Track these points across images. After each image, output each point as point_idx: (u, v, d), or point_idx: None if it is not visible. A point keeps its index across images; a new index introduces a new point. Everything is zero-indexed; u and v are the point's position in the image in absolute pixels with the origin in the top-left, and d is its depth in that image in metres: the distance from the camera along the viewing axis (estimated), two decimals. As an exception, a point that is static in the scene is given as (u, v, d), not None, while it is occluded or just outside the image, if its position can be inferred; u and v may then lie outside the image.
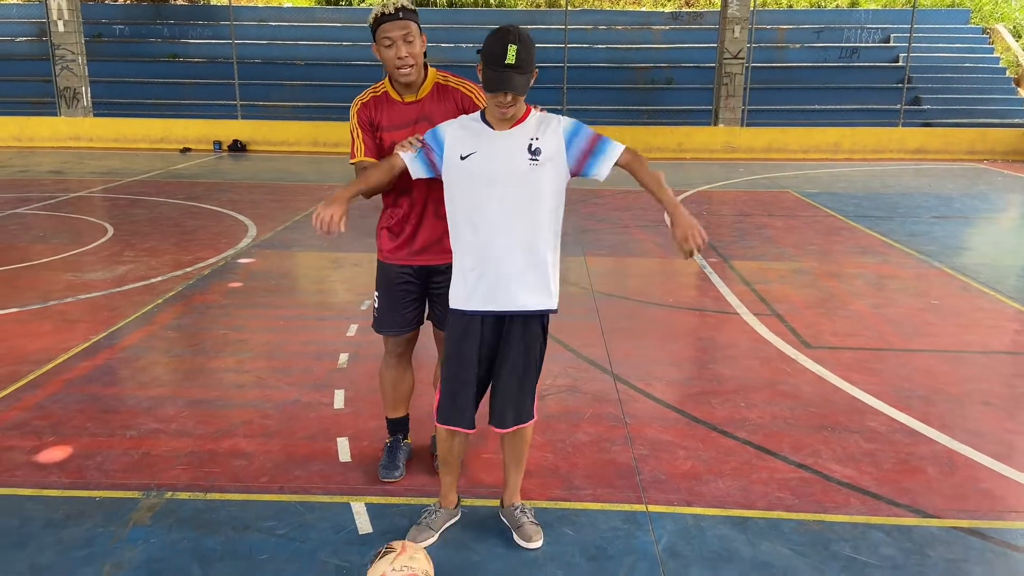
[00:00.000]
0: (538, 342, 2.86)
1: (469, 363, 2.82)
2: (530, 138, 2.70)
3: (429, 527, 2.99)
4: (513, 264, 2.73)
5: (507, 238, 2.71)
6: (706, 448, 3.78)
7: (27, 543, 2.95)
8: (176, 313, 5.74)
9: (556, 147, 2.71)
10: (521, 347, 2.82)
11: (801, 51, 20.80)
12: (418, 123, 3.04)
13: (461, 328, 2.82)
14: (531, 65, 2.59)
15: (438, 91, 3.10)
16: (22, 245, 7.92)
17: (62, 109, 17.40)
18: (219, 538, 3.01)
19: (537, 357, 2.87)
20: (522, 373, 2.84)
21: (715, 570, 2.85)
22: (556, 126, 2.73)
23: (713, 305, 6.14)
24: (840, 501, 3.32)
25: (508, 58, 2.52)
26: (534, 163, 2.69)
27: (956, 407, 4.27)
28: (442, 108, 3.06)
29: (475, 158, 2.71)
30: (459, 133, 2.76)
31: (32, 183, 12.07)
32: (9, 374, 4.55)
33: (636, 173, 2.85)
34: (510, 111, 2.66)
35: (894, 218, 9.82)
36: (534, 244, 2.73)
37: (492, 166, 2.70)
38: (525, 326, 2.81)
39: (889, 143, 16.46)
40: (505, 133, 2.71)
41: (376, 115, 3.08)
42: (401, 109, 3.07)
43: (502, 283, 2.74)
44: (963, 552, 2.97)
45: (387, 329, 3.32)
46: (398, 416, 3.55)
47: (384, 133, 3.06)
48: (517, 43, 2.54)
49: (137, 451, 3.68)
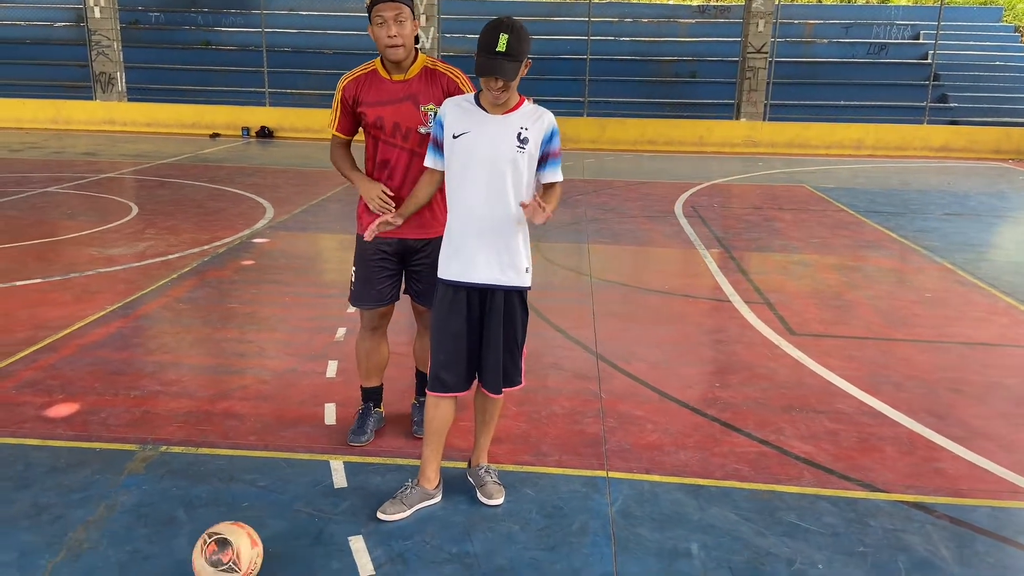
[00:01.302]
0: (518, 314, 3.04)
1: (457, 332, 2.99)
2: (520, 126, 2.88)
3: (402, 503, 3.08)
4: (492, 241, 2.92)
5: (486, 216, 2.90)
6: (673, 423, 3.95)
7: (31, 485, 3.22)
8: (189, 287, 6.02)
9: (536, 140, 2.91)
10: (502, 318, 2.99)
11: (829, 46, 20.69)
12: (404, 101, 3.23)
13: (448, 298, 3.00)
14: (522, 54, 2.75)
15: (426, 74, 3.28)
16: (51, 221, 8.28)
17: (97, 93, 17.91)
18: (206, 487, 3.25)
19: (519, 328, 3.06)
20: (506, 342, 3.02)
21: (662, 530, 3.04)
22: (543, 122, 2.92)
23: (707, 293, 6.29)
24: (794, 474, 3.48)
25: (499, 46, 2.71)
26: (520, 150, 2.88)
27: (926, 393, 4.39)
28: (429, 90, 3.25)
29: (466, 138, 2.89)
30: (455, 113, 2.94)
31: (65, 164, 12.50)
32: (28, 338, 4.85)
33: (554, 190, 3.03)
34: (501, 96, 2.82)
35: (905, 214, 9.85)
36: (510, 224, 2.92)
37: (481, 147, 2.87)
38: (505, 300, 2.99)
39: (913, 140, 16.37)
40: (498, 118, 2.89)
41: (361, 91, 3.26)
42: (388, 87, 3.25)
43: (481, 258, 2.93)
44: (903, 523, 3.12)
45: (363, 303, 3.48)
46: (371, 386, 3.70)
47: (368, 108, 3.25)
48: (509, 33, 2.72)
49: (139, 409, 3.95)
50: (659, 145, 16.50)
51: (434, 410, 3.09)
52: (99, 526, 2.96)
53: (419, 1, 17.12)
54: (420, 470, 3.18)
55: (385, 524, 3.01)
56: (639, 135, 16.50)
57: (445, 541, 2.93)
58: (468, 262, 2.95)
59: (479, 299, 3.00)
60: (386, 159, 3.27)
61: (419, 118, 3.24)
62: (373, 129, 3.29)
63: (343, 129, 3.36)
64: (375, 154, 3.33)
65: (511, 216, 2.91)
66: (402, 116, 3.24)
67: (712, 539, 2.98)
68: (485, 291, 2.98)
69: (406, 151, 3.28)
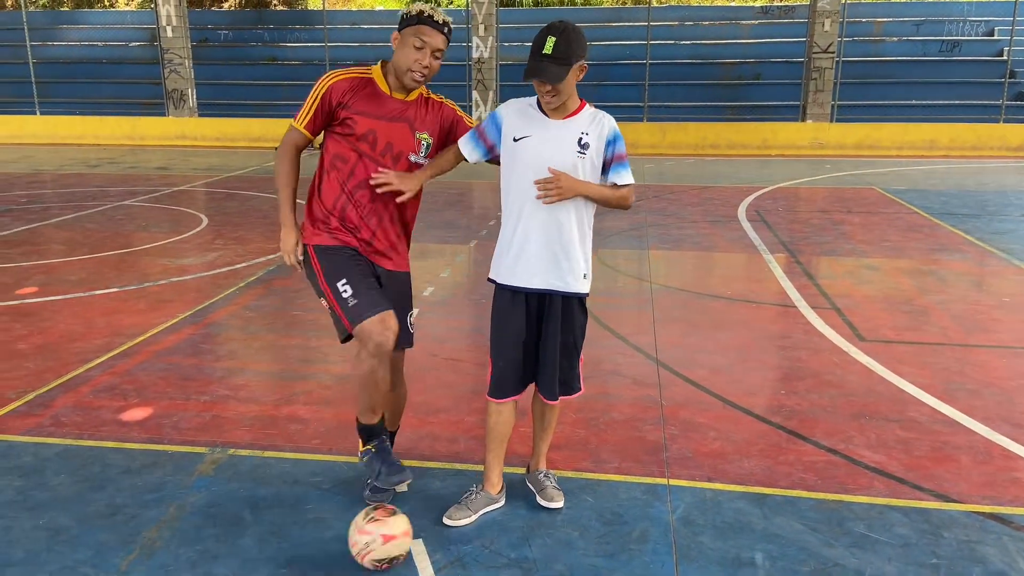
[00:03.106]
0: (577, 320, 3.02)
1: (515, 338, 2.98)
2: (581, 131, 2.86)
3: (468, 508, 3.08)
4: (550, 247, 2.89)
5: (547, 221, 2.88)
6: (737, 431, 3.88)
7: (106, 486, 3.35)
8: (256, 295, 6.18)
9: (598, 145, 2.88)
10: (560, 324, 2.97)
11: (899, 44, 20.11)
12: (399, 121, 2.97)
13: (506, 303, 2.99)
14: (571, 57, 2.72)
15: (424, 102, 3.06)
16: (126, 233, 8.61)
17: (170, 110, 18.57)
18: (271, 489, 3.33)
19: (578, 335, 3.04)
20: (564, 348, 3.00)
21: (724, 539, 2.98)
22: (603, 127, 2.88)
23: (772, 298, 6.16)
24: (863, 484, 3.38)
25: (546, 48, 2.70)
26: (581, 155, 2.86)
27: (1004, 400, 4.21)
28: (426, 118, 3.03)
29: (528, 142, 2.87)
30: (516, 117, 2.92)
31: (140, 178, 12.99)
32: (105, 344, 5.05)
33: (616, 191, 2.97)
34: (552, 101, 2.80)
35: (981, 216, 9.49)
36: (570, 230, 2.90)
37: (542, 152, 2.85)
38: (564, 306, 2.97)
39: (990, 140, 15.77)
40: (559, 122, 2.87)
41: (351, 97, 2.92)
42: (387, 102, 2.96)
43: (539, 263, 2.90)
44: (978, 535, 3.00)
45: (374, 308, 2.88)
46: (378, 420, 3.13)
47: (360, 117, 2.91)
48: (557, 36, 2.70)
49: (208, 413, 4.07)
50: (721, 149, 16.26)
51: (496, 416, 3.09)
52: (171, 526, 3.06)
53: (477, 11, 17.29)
54: (484, 475, 3.18)
55: (446, 528, 3.03)
56: (700, 139, 16.29)
57: (504, 546, 2.93)
58: (526, 267, 2.92)
59: (537, 304, 2.98)
60: (369, 179, 2.93)
61: (413, 144, 2.99)
62: (360, 143, 2.93)
63: (312, 127, 2.95)
64: (354, 172, 2.95)
65: (571, 221, 2.90)
66: (396, 137, 2.96)
67: (777, 548, 2.91)
68: (543, 296, 2.96)
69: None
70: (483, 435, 3.80)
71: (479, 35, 17.42)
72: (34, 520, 3.10)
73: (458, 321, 5.65)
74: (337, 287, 2.92)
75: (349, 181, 2.96)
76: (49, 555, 2.87)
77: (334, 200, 2.99)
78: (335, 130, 2.97)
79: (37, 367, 4.68)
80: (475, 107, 17.78)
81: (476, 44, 17.48)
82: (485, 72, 17.61)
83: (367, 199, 2.97)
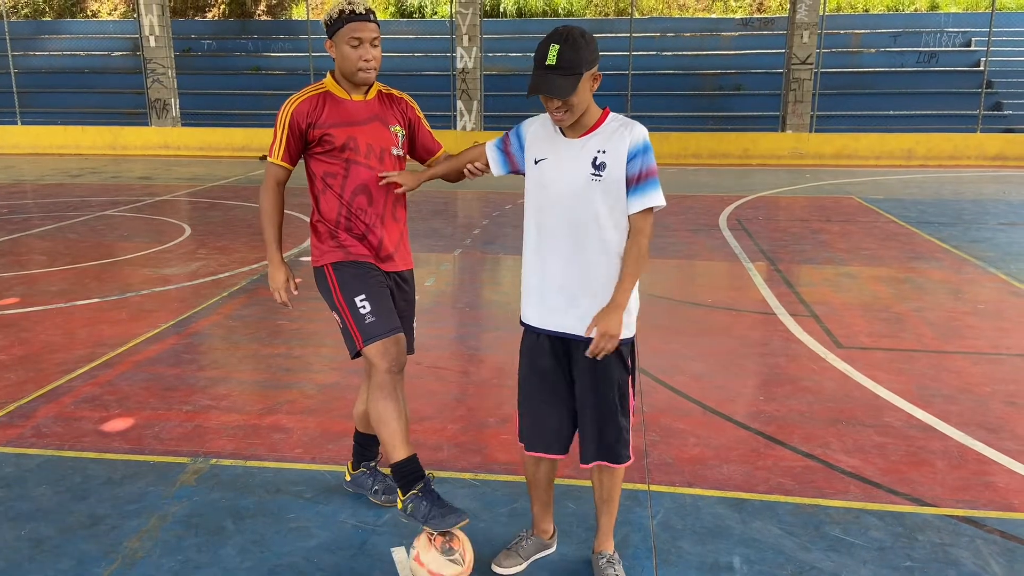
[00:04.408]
0: (614, 372, 2.57)
1: (542, 383, 2.63)
2: (597, 150, 2.46)
3: (518, 554, 2.85)
4: (568, 285, 2.53)
5: (564, 254, 2.52)
6: (717, 436, 3.93)
7: (88, 496, 3.35)
8: (239, 305, 6.18)
9: (618, 162, 2.46)
10: (589, 376, 2.57)
11: (877, 56, 20.38)
12: (371, 121, 2.95)
13: (530, 344, 2.66)
14: (578, 67, 2.35)
15: (383, 97, 3.04)
16: (108, 243, 8.58)
17: (153, 119, 18.50)
18: (253, 499, 3.34)
19: (614, 390, 2.58)
20: (596, 404, 2.59)
21: (703, 543, 3.02)
22: (624, 140, 2.46)
23: (751, 306, 6.23)
24: (840, 488, 3.43)
25: (549, 59, 2.35)
26: (596, 179, 2.46)
27: (978, 406, 4.29)
28: (390, 112, 3.02)
29: (545, 164, 2.53)
30: (539, 134, 2.59)
31: (122, 187, 12.94)
32: (87, 355, 5.04)
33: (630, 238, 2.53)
34: (566, 118, 2.44)
35: (957, 224, 9.63)
36: (591, 265, 2.51)
37: (556, 176, 2.51)
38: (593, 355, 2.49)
39: (967, 149, 16.00)
40: (575, 142, 2.50)
41: (316, 114, 2.90)
42: (350, 107, 2.94)
43: (559, 303, 2.55)
44: (952, 538, 3.06)
45: (394, 327, 2.88)
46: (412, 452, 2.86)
47: (333, 129, 2.89)
48: (562, 43, 2.35)
49: (191, 423, 4.07)
50: (703, 159, 16.40)
51: (532, 467, 2.81)
52: (152, 536, 3.06)
53: (461, 21, 17.38)
54: (533, 522, 2.94)
55: (427, 535, 3.04)
56: (682, 149, 16.43)
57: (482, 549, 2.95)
58: (547, 307, 2.57)
59: (564, 350, 2.61)
60: (364, 183, 2.92)
61: (391, 139, 2.97)
62: (345, 152, 2.90)
63: (288, 158, 2.93)
64: (347, 181, 2.92)
65: (592, 253, 2.50)
66: (374, 137, 2.94)
67: (755, 552, 2.96)
68: (568, 342, 2.59)
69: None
70: (466, 442, 3.85)
71: (463, 45, 17.50)
72: (16, 530, 3.09)
73: (442, 329, 5.67)
74: (355, 302, 2.88)
75: (345, 191, 2.93)
76: (31, 565, 2.87)
77: (336, 214, 2.96)
78: (315, 152, 2.94)
79: (18, 378, 4.67)
80: (459, 117, 17.85)
81: (460, 54, 17.55)
82: (469, 82, 17.68)
83: (366, 203, 2.95)
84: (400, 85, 3.37)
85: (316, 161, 2.96)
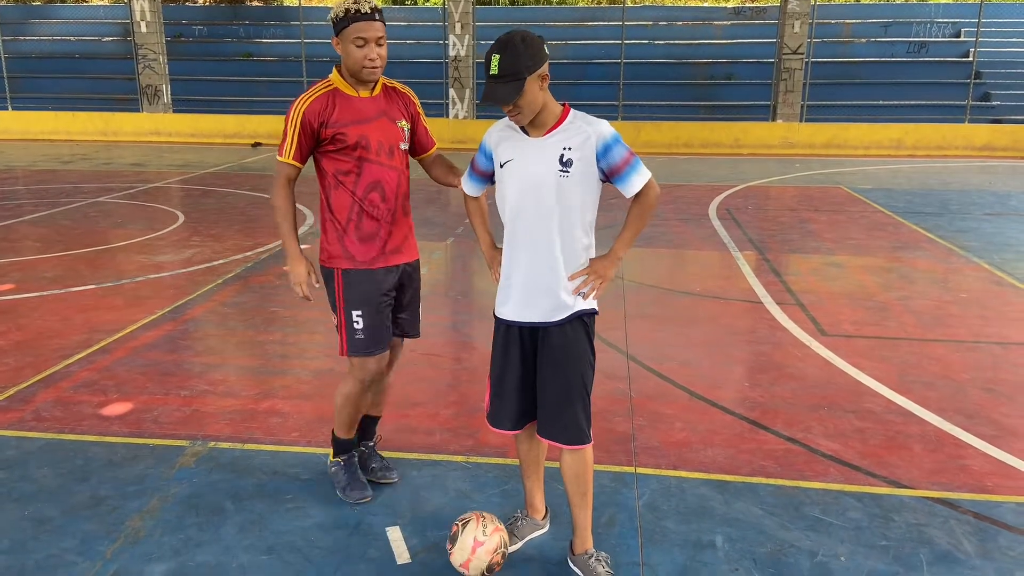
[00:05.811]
0: (576, 352, 2.67)
1: (510, 370, 2.75)
2: (563, 147, 2.56)
3: (513, 535, 2.94)
4: (539, 277, 2.64)
5: (534, 250, 2.63)
6: (702, 421, 4.04)
7: (89, 478, 3.43)
8: (234, 292, 6.25)
9: (587, 158, 2.56)
10: (553, 361, 2.68)
11: (867, 46, 20.48)
12: (380, 118, 3.02)
13: (501, 335, 2.77)
14: (519, 73, 2.44)
15: (388, 91, 3.11)
16: (102, 230, 8.62)
17: (144, 105, 18.46)
18: (252, 480, 3.43)
19: (574, 374, 2.67)
20: (558, 387, 2.68)
21: (687, 523, 3.13)
22: (590, 138, 2.55)
23: (739, 294, 6.34)
24: (820, 471, 3.55)
25: (492, 69, 2.47)
26: (564, 175, 2.55)
27: (956, 392, 4.41)
28: (395, 107, 3.09)
29: (511, 166, 2.63)
30: (501, 138, 2.68)
31: (114, 174, 12.94)
32: (84, 341, 5.11)
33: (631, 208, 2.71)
34: (519, 119, 2.55)
35: (944, 214, 9.76)
36: (559, 259, 2.63)
37: (523, 175, 2.60)
38: (559, 340, 2.65)
39: (955, 139, 16.13)
40: (538, 140, 2.59)
41: (329, 112, 2.95)
42: (359, 104, 3.00)
43: (529, 295, 2.66)
44: (927, 518, 3.18)
45: (378, 347, 3.10)
46: (353, 435, 3.35)
47: (346, 128, 2.95)
48: (502, 52, 2.45)
49: (188, 408, 4.15)
50: (694, 148, 16.50)
51: (518, 445, 2.97)
52: (153, 515, 3.15)
53: (454, 9, 17.39)
54: (526, 501, 3.06)
55: (421, 515, 3.15)
56: (674, 138, 16.52)
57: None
58: (519, 299, 2.68)
59: (530, 337, 2.73)
60: (377, 180, 3.00)
61: (399, 134, 3.06)
62: (358, 150, 2.97)
63: (299, 156, 3.00)
64: (360, 179, 3.00)
65: (561, 248, 2.62)
66: (384, 134, 3.01)
67: (736, 532, 3.07)
68: (536, 330, 2.71)
69: (395, 171, 3.05)
70: (458, 427, 3.95)
71: (455, 33, 17.50)
72: (19, 511, 3.18)
73: (436, 317, 5.76)
74: (352, 314, 3.05)
75: (358, 188, 3.00)
76: (36, 544, 2.96)
77: (348, 212, 3.02)
78: (326, 149, 2.99)
79: (16, 363, 4.74)
80: (452, 105, 17.88)
81: (453, 42, 17.56)
82: (462, 70, 17.70)
83: (379, 199, 3.02)
84: (393, 73, 3.43)
85: (327, 158, 3.02)
